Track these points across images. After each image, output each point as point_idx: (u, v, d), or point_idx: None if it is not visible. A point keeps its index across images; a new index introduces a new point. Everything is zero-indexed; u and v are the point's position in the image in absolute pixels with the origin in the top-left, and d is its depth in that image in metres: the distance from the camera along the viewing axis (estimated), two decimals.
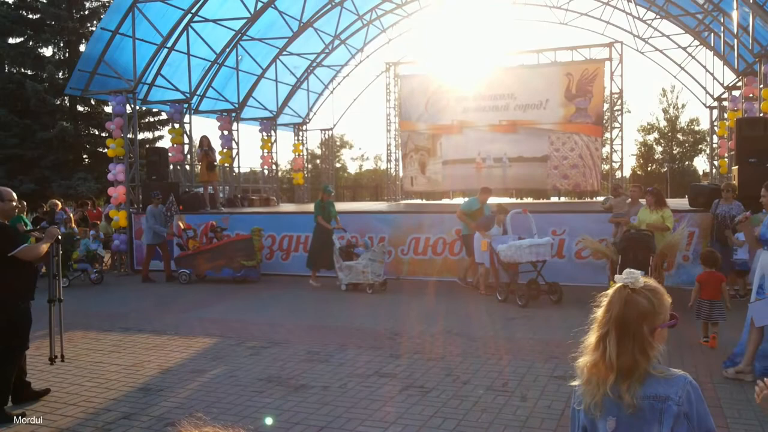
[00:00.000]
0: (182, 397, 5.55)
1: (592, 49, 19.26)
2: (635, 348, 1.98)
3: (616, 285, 2.08)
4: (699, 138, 45.53)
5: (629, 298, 2.01)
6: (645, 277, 2.08)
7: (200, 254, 12.68)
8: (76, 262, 12.80)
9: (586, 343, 2.11)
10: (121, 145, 15.05)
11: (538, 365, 6.33)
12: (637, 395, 1.97)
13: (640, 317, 1.99)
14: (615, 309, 2.01)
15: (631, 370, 1.98)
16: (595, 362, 2.03)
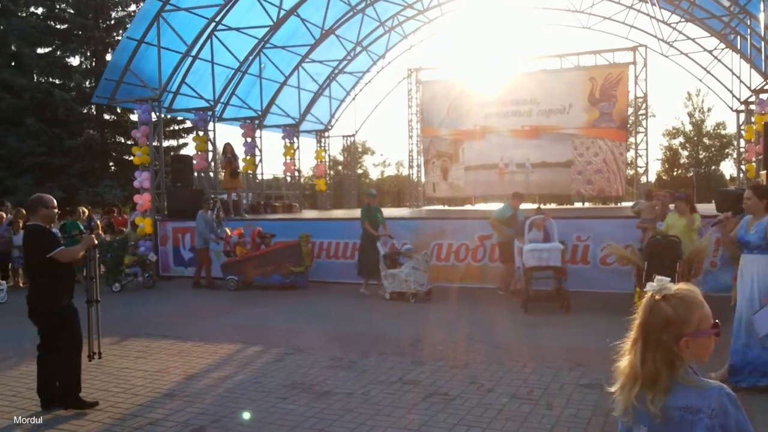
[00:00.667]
0: (207, 403, 5.59)
1: (616, 53, 19.12)
2: (657, 357, 1.95)
3: (647, 294, 2.06)
4: (726, 142, 44.76)
5: (653, 305, 1.99)
6: (683, 284, 2.04)
7: (248, 261, 12.56)
8: (127, 267, 13.13)
9: (624, 348, 2.09)
10: (147, 153, 15.25)
11: (563, 373, 6.26)
12: (662, 405, 1.94)
13: (663, 325, 1.95)
14: (641, 316, 2.00)
15: (655, 379, 1.95)
16: (626, 368, 2.03)
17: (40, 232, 5.46)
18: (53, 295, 5.44)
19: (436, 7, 21.56)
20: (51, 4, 29.61)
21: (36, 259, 5.41)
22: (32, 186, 25.84)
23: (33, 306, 5.45)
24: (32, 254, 5.47)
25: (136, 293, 12.71)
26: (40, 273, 5.43)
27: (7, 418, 5.36)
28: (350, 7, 18.88)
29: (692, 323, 1.95)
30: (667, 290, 2.00)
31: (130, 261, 13.24)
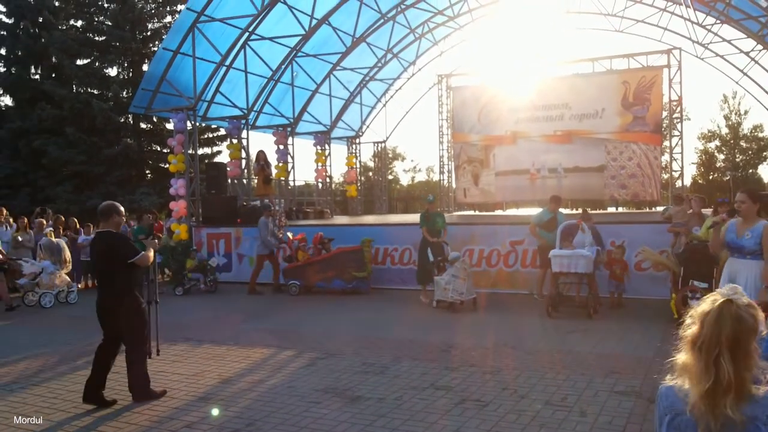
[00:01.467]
0: (241, 407, 5.68)
1: (649, 56, 18.87)
2: (743, 366, 1.93)
3: (719, 300, 1.99)
4: (763, 145, 43.78)
5: (739, 314, 1.95)
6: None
7: (310, 266, 12.57)
8: (189, 271, 13.37)
9: (688, 367, 2.01)
10: (182, 161, 15.55)
11: (597, 380, 6.19)
12: (743, 412, 1.92)
13: (751, 333, 1.95)
14: (727, 327, 1.94)
15: (740, 389, 1.93)
16: (711, 388, 1.93)
17: (122, 239, 6.07)
18: (135, 296, 5.96)
19: (466, 13, 21.57)
20: (90, 17, 30.39)
21: (118, 264, 5.84)
22: (71, 194, 26.52)
23: (115, 307, 5.86)
24: (114, 259, 5.86)
25: (193, 297, 12.93)
26: (121, 277, 5.87)
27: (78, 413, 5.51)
28: (381, 14, 19.00)
29: (759, 330, 1.97)
30: (742, 297, 2.00)
31: (192, 265, 13.42)
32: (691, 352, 2.01)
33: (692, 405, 1.99)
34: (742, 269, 5.60)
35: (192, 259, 13.54)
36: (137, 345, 6.01)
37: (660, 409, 2.10)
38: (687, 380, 2.01)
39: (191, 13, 15.07)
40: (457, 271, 10.38)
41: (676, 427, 2.03)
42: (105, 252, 5.91)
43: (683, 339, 2.04)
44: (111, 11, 29.46)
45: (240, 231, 14.66)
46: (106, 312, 5.92)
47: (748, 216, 5.59)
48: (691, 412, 1.99)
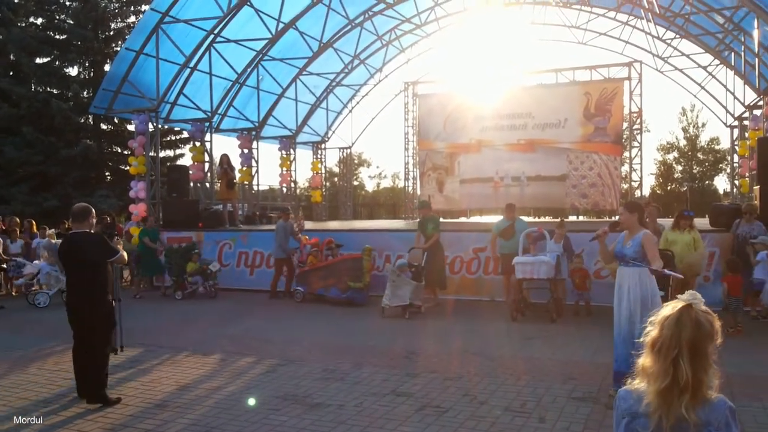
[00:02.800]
0: (198, 414, 5.57)
1: (611, 68, 19.25)
2: (700, 369, 1.99)
3: (679, 305, 2.06)
4: (719, 157, 45.04)
5: (698, 318, 2.02)
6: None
7: (315, 271, 12.17)
8: (190, 275, 13.02)
9: (647, 369, 2.07)
10: (143, 163, 15.28)
11: (556, 386, 6.26)
12: (698, 415, 1.98)
13: (708, 338, 2.01)
14: (687, 331, 2.00)
15: (696, 390, 1.99)
16: (667, 387, 2.00)
17: (100, 238, 6.21)
18: (108, 297, 6.15)
19: (433, 21, 21.73)
20: (50, 14, 29.71)
21: (95, 264, 5.99)
22: (27, 195, 25.82)
23: (90, 307, 5.95)
24: (93, 258, 5.98)
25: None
26: (98, 276, 6.01)
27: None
28: (348, 20, 19.01)
29: (715, 337, 2.03)
30: (701, 303, 2.06)
31: (193, 269, 13.05)
32: (651, 355, 2.06)
33: (647, 403, 2.04)
34: (625, 276, 5.86)
35: (194, 263, 13.10)
36: (104, 346, 6.06)
37: (618, 412, 2.15)
38: (646, 381, 2.06)
39: (155, 13, 14.85)
40: (392, 275, 10.58)
41: (633, 429, 2.08)
42: (82, 251, 5.96)
43: (644, 343, 2.08)
44: (73, 9, 28.86)
45: (201, 235, 14.45)
46: (80, 312, 5.96)
47: (630, 227, 5.88)
48: (645, 409, 2.04)
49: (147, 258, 13.71)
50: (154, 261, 13.75)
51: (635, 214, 5.89)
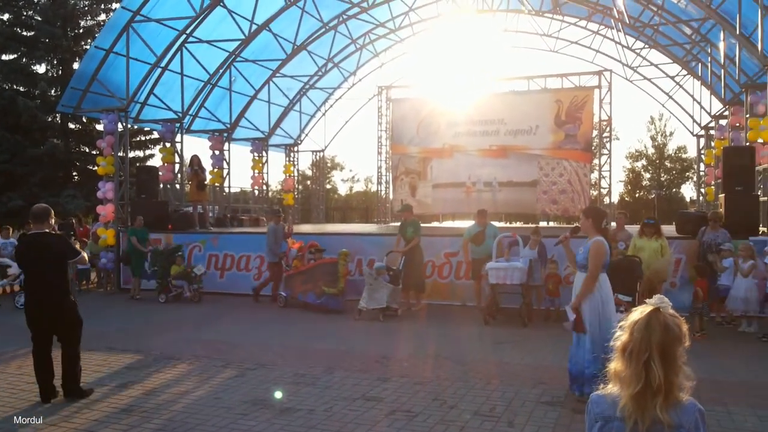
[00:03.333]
0: (165, 419, 5.49)
1: (582, 76, 19.54)
2: (671, 371, 2.02)
3: (647, 309, 2.09)
4: (686, 165, 45.96)
5: (666, 322, 2.05)
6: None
7: (297, 276, 11.85)
8: (174, 278, 12.63)
9: (619, 373, 2.09)
10: (112, 163, 15.03)
11: (525, 390, 6.31)
12: (671, 417, 2.01)
13: (677, 341, 2.04)
14: (656, 334, 2.03)
15: (668, 393, 2.02)
16: (641, 391, 2.02)
17: (63, 239, 6.32)
18: (71, 295, 6.24)
19: (407, 26, 21.81)
20: (18, 11, 29.13)
21: (58, 264, 6.07)
22: None
23: (56, 306, 6.02)
24: (61, 258, 6.08)
25: (89, 306, 12.42)
26: (61, 276, 6.10)
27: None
28: (322, 23, 18.98)
29: (683, 340, 2.07)
30: (668, 307, 2.09)
31: (177, 272, 12.68)
32: (622, 359, 2.09)
33: (622, 406, 2.06)
34: (577, 280, 6.03)
35: (178, 266, 12.74)
36: (77, 343, 6.18)
37: (591, 416, 2.16)
38: (618, 386, 2.09)
39: (126, 12, 14.64)
40: (369, 278, 10.67)
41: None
42: (47, 252, 6.01)
43: (615, 348, 2.11)
44: (41, 6, 28.35)
45: (170, 237, 14.24)
46: (46, 312, 5.99)
47: (587, 232, 6.00)
48: (620, 413, 2.06)
49: (136, 259, 13.32)
50: (142, 262, 13.37)
51: (590, 219, 5.97)
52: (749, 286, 9.24)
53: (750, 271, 9.25)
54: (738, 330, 9.52)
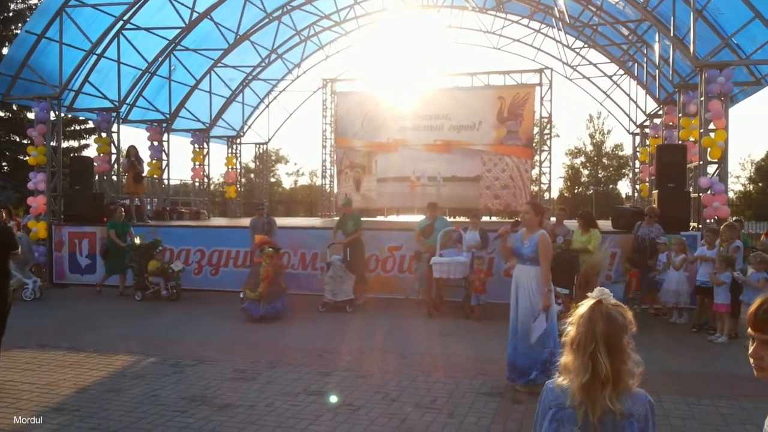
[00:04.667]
0: (99, 417, 5.30)
1: (524, 74, 19.89)
2: (618, 360, 2.06)
3: (589, 302, 2.13)
4: (623, 163, 47.54)
5: (609, 312, 2.09)
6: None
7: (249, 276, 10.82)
8: (151, 275, 11.89)
9: (568, 366, 2.12)
10: (43, 153, 14.41)
11: (467, 381, 6.38)
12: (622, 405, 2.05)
13: (622, 330, 2.08)
14: (599, 325, 2.06)
15: (618, 381, 2.05)
16: (588, 381, 2.05)
17: (10, 229, 6.54)
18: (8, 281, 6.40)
19: (352, 19, 21.69)
20: None
21: (5, 255, 6.22)
22: None
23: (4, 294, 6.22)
24: (6, 250, 6.22)
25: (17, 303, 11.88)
26: (3, 267, 6.21)
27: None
28: (266, 13, 18.64)
29: (629, 327, 2.11)
30: (610, 298, 2.13)
31: (154, 268, 11.84)
32: (571, 352, 2.13)
33: (571, 397, 2.09)
34: (521, 274, 6.16)
35: (157, 261, 11.90)
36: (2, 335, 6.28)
37: (544, 404, 2.21)
38: (568, 378, 2.12)
39: None
40: (334, 272, 10.62)
41: (558, 420, 2.13)
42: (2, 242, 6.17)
43: (565, 342, 2.15)
44: None
45: (106, 230, 13.78)
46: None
47: (530, 226, 6.14)
48: (570, 403, 2.09)
49: (114, 254, 12.48)
50: (122, 259, 12.37)
51: (539, 216, 6.13)
52: (680, 279, 9.62)
53: (682, 264, 9.62)
54: (669, 321, 9.90)
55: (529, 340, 5.92)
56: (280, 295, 10.18)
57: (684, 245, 9.83)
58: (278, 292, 10.16)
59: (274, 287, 10.07)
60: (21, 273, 11.89)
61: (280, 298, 10.15)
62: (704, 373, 6.87)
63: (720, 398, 5.88)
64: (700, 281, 9.21)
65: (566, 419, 2.11)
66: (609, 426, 2.05)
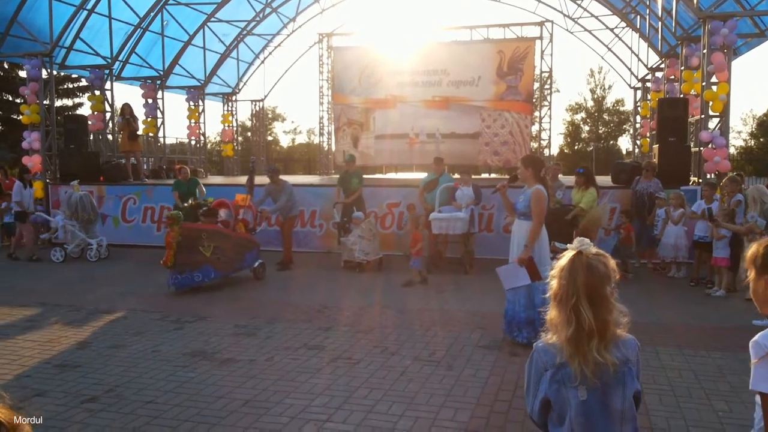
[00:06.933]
0: (101, 373, 5.33)
1: (524, 27, 19.50)
2: (603, 310, 2.01)
3: (570, 253, 2.08)
4: (623, 118, 47.15)
5: (590, 263, 2.03)
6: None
7: None
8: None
9: (554, 320, 2.08)
10: (36, 112, 14.23)
11: (464, 335, 6.42)
12: (614, 355, 2.02)
13: (604, 280, 2.03)
14: (580, 276, 2.02)
15: (604, 332, 2.01)
16: (573, 334, 2.01)
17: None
18: None
19: None
20: None
21: None
22: None
23: None
24: None
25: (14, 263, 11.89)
26: None
27: None
28: None
29: (614, 276, 2.06)
30: (590, 248, 2.08)
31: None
32: (555, 307, 2.08)
33: (560, 352, 2.05)
34: (516, 228, 6.18)
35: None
36: None
37: (538, 366, 2.13)
38: (556, 333, 2.08)
39: None
40: (363, 231, 10.44)
41: (558, 380, 2.07)
42: None
43: (549, 298, 2.10)
44: None
45: (103, 189, 13.72)
46: None
47: (525, 180, 6.10)
48: (562, 360, 2.05)
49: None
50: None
51: (530, 169, 6.02)
52: (679, 233, 9.62)
53: (680, 219, 9.60)
54: (667, 275, 9.94)
55: (525, 295, 5.93)
56: (199, 264, 8.81)
57: (682, 199, 9.79)
58: (197, 261, 8.79)
59: (188, 256, 8.69)
60: (85, 233, 11.89)
61: (200, 268, 8.82)
62: (701, 326, 6.91)
63: (716, 350, 5.93)
64: (698, 236, 9.21)
65: (567, 379, 2.05)
66: (607, 377, 2.02)
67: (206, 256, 8.87)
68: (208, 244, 8.93)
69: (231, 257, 9.32)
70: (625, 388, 2.05)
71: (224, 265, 9.20)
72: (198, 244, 8.83)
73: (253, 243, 9.85)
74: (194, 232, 8.90)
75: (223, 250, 9.16)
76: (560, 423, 2.09)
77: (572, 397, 2.04)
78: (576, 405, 2.03)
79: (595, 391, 2.03)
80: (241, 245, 9.59)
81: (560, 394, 2.06)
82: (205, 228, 9.19)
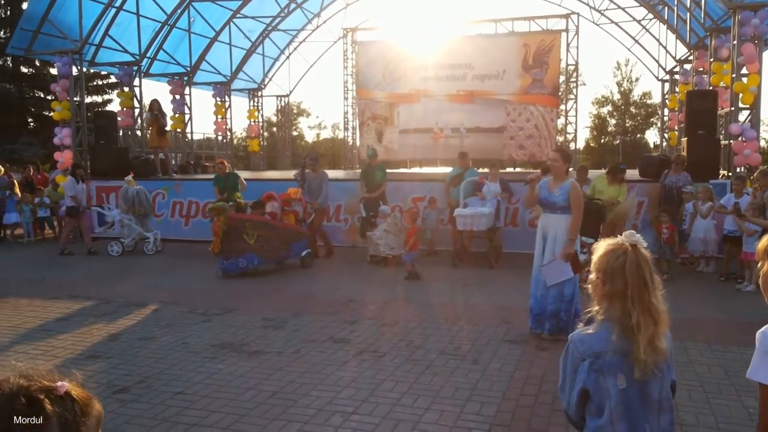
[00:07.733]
0: (131, 364, 5.45)
1: (550, 19, 19.32)
2: (658, 300, 2.08)
3: (628, 249, 2.09)
4: (651, 111, 46.45)
5: (645, 255, 2.10)
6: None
7: None
8: None
9: (614, 313, 2.08)
10: (67, 108, 14.52)
11: (490, 330, 6.42)
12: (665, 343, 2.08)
13: (654, 271, 2.10)
14: (642, 269, 2.05)
15: (662, 321, 2.08)
16: (636, 324, 2.02)
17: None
18: None
19: None
20: None
21: None
22: None
23: None
24: None
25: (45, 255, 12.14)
26: None
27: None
28: None
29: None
30: (641, 240, 2.13)
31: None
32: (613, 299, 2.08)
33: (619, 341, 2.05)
34: (551, 223, 6.04)
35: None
36: None
37: (574, 356, 2.12)
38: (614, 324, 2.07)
39: None
40: (389, 225, 10.31)
41: (597, 369, 2.06)
42: None
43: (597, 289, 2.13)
44: None
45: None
46: None
47: (558, 174, 6.02)
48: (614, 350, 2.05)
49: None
50: None
51: (567, 164, 6.05)
52: (708, 228, 9.48)
53: (709, 212, 9.46)
54: (696, 270, 9.81)
55: (555, 290, 5.92)
56: (243, 251, 9.53)
57: (711, 193, 9.64)
58: (241, 249, 9.52)
59: (233, 244, 9.45)
60: (141, 226, 12.08)
61: (244, 254, 9.54)
62: (731, 321, 6.82)
63: (746, 346, 5.83)
64: (727, 230, 9.07)
65: (606, 368, 2.04)
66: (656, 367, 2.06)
67: (250, 244, 9.59)
68: (252, 233, 9.64)
69: (276, 246, 9.97)
70: (663, 378, 2.06)
71: (268, 252, 9.86)
72: (242, 232, 9.57)
73: (301, 234, 10.42)
74: (238, 222, 9.72)
75: (268, 239, 9.83)
76: (599, 414, 2.09)
77: (611, 386, 2.05)
78: (615, 394, 2.04)
79: (634, 381, 2.04)
80: (288, 235, 10.22)
81: (599, 384, 2.06)
82: (250, 218, 9.99)
